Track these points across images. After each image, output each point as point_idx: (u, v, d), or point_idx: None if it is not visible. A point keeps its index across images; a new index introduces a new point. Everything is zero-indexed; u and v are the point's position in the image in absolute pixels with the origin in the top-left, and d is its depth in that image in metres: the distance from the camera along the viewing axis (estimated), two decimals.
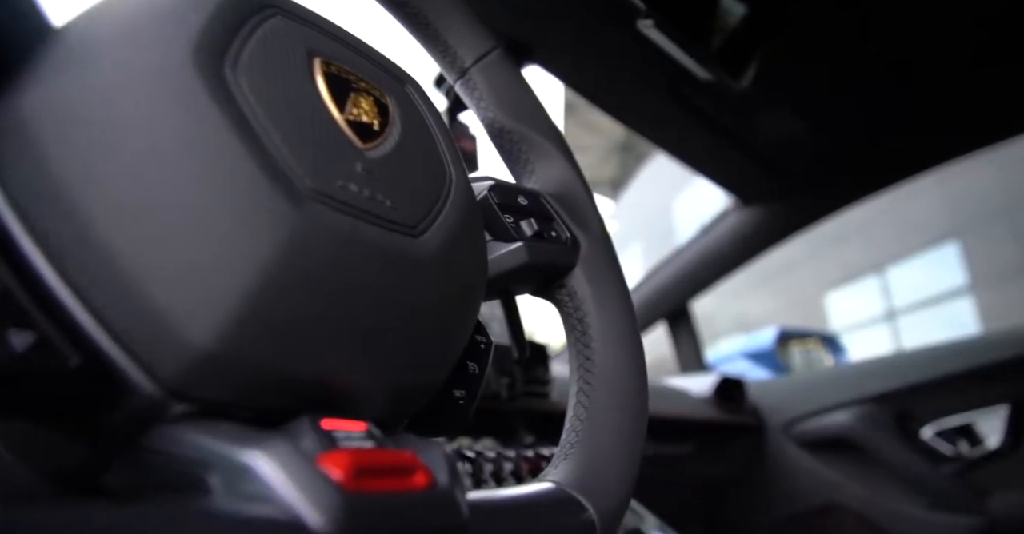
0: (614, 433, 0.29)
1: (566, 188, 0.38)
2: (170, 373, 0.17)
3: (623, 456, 0.28)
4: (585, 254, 0.36)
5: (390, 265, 0.21)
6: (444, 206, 0.25)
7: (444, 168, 0.26)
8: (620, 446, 0.29)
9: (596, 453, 0.28)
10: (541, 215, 0.35)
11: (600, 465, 0.28)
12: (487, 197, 0.33)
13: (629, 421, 0.30)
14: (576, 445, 0.28)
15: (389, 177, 0.22)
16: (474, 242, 0.27)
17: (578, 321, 0.34)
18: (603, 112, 0.90)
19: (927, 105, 0.94)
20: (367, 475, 0.16)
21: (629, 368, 0.32)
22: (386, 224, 0.21)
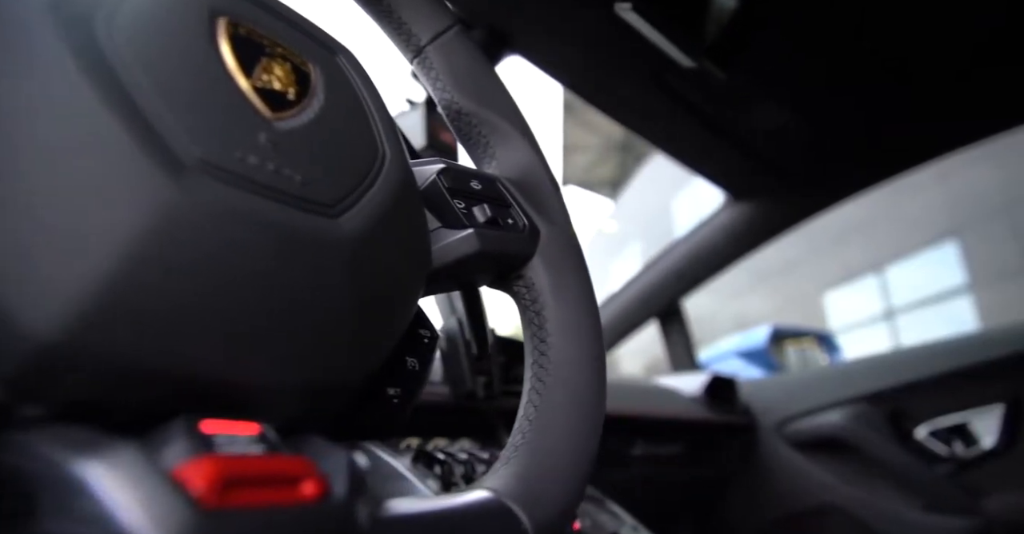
0: (564, 435, 0.27)
1: (527, 173, 0.36)
2: (12, 370, 0.15)
3: (572, 461, 0.26)
4: (545, 243, 0.34)
5: (295, 247, 0.19)
6: (372, 186, 0.22)
7: (376, 145, 0.24)
8: (569, 450, 0.26)
9: (542, 457, 0.26)
10: (497, 201, 0.33)
11: (545, 471, 0.25)
12: (436, 181, 0.31)
13: (582, 422, 0.28)
14: (521, 448, 0.26)
15: (302, 151, 0.20)
16: (409, 227, 0.25)
17: (535, 314, 0.32)
18: (589, 104, 0.88)
19: (922, 98, 0.92)
20: (237, 486, 0.14)
21: (586, 365, 0.30)
22: (293, 202, 0.19)
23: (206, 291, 0.17)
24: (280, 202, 0.19)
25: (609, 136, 13.25)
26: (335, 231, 0.20)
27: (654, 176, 11.34)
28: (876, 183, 1.09)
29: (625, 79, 0.79)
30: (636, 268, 1.36)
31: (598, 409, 0.29)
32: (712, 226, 1.24)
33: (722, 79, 0.71)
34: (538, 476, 0.25)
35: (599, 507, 0.61)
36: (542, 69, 0.81)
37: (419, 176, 0.31)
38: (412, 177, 0.26)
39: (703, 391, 1.11)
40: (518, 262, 0.33)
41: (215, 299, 0.17)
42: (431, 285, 0.31)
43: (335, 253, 0.20)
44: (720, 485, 1.17)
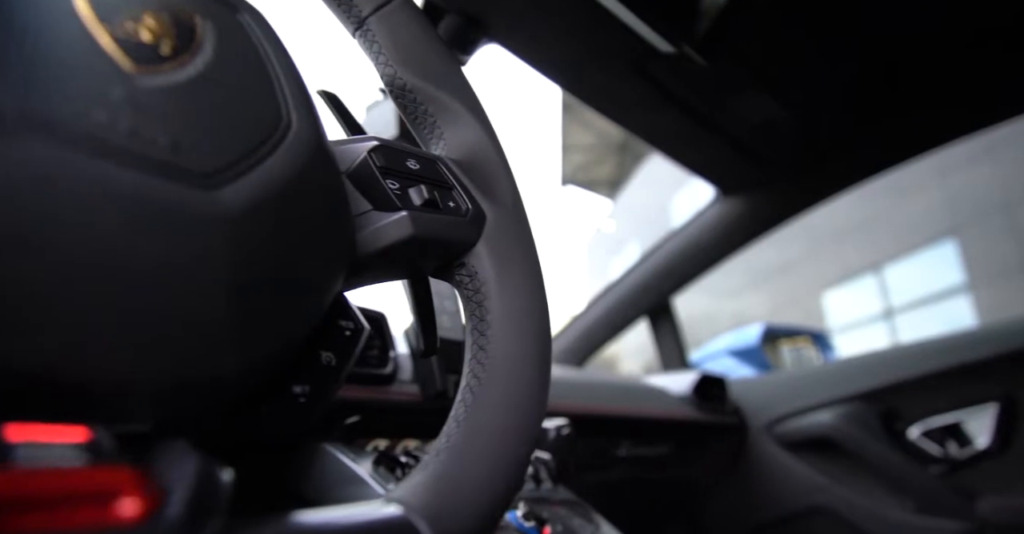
0: (493, 440, 0.24)
1: (475, 154, 0.34)
2: None
3: (497, 471, 0.23)
4: (491, 229, 0.31)
5: (150, 220, 0.16)
6: (268, 157, 0.20)
7: (279, 112, 0.22)
8: (497, 457, 0.24)
9: (464, 465, 0.23)
10: (437, 182, 0.30)
11: (465, 480, 0.22)
12: (367, 160, 0.28)
13: (516, 426, 0.25)
14: (443, 452, 0.23)
15: (174, 111, 0.18)
16: (319, 207, 0.22)
17: (477, 305, 0.29)
18: (570, 94, 0.85)
19: (916, 88, 0.89)
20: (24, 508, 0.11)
21: (528, 363, 0.27)
22: (153, 168, 0.16)
23: (29, 270, 0.14)
24: (134, 167, 0.16)
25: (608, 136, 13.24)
26: (210, 205, 0.17)
27: (653, 176, 11.33)
28: (869, 177, 1.06)
29: (606, 68, 0.76)
30: None
31: (535, 412, 0.26)
32: (702, 222, 1.22)
33: (705, 67, 0.69)
34: (455, 487, 0.22)
35: (573, 510, 0.59)
36: (520, 58, 0.78)
37: (349, 155, 0.28)
38: (327, 152, 0.24)
39: (692, 390, 1.08)
40: (460, 249, 0.30)
41: (38, 280, 0.14)
42: (361, 274, 0.28)
43: (208, 230, 0.17)
44: (709, 487, 1.15)
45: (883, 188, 6.84)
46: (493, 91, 44.98)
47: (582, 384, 0.94)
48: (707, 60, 0.65)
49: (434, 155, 0.32)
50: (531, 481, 0.60)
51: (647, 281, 1.31)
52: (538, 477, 0.61)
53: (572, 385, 0.92)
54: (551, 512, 0.56)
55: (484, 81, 21.11)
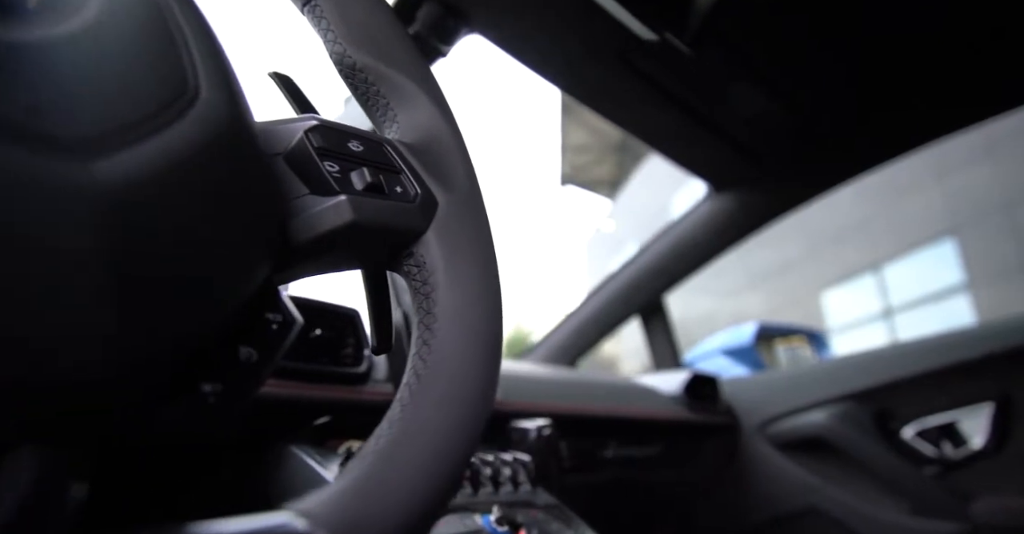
0: (427, 445, 0.22)
1: (430, 137, 0.32)
2: None
3: (431, 478, 0.21)
4: (443, 216, 0.29)
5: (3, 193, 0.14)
6: (164, 128, 0.18)
7: (183, 80, 0.19)
8: (431, 464, 0.21)
9: (392, 472, 0.20)
10: (383, 166, 0.28)
11: (390, 490, 0.20)
12: (303, 140, 0.26)
13: (454, 429, 0.23)
14: (370, 457, 0.21)
15: (37, 71, 0.16)
16: (228, 187, 0.20)
17: (424, 297, 0.27)
18: (554, 85, 0.83)
19: (912, 82, 0.87)
20: None
21: (473, 361, 0.25)
22: (12, 134, 0.14)
23: None
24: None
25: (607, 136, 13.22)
26: (77, 178, 0.15)
27: (652, 176, 11.32)
28: (863, 172, 1.04)
29: (590, 58, 0.74)
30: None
31: (478, 413, 0.24)
32: (693, 219, 1.20)
33: (690, 57, 0.67)
34: (378, 497, 0.20)
35: (551, 514, 0.57)
36: (503, 48, 0.77)
37: (285, 135, 0.26)
38: (247, 129, 0.22)
39: (683, 390, 1.06)
40: (407, 237, 0.28)
41: None
42: (297, 264, 0.26)
43: (73, 204, 0.15)
44: (700, 488, 1.13)
45: (882, 187, 6.83)
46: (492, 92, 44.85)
47: (568, 383, 0.92)
48: (691, 48, 0.63)
49: (381, 137, 0.30)
50: (509, 484, 0.58)
51: (639, 279, 1.29)
52: (516, 480, 0.59)
53: (558, 384, 0.90)
54: (527, 516, 0.54)
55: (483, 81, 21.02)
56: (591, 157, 14.73)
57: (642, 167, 12.14)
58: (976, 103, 0.92)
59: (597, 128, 12.71)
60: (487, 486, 0.56)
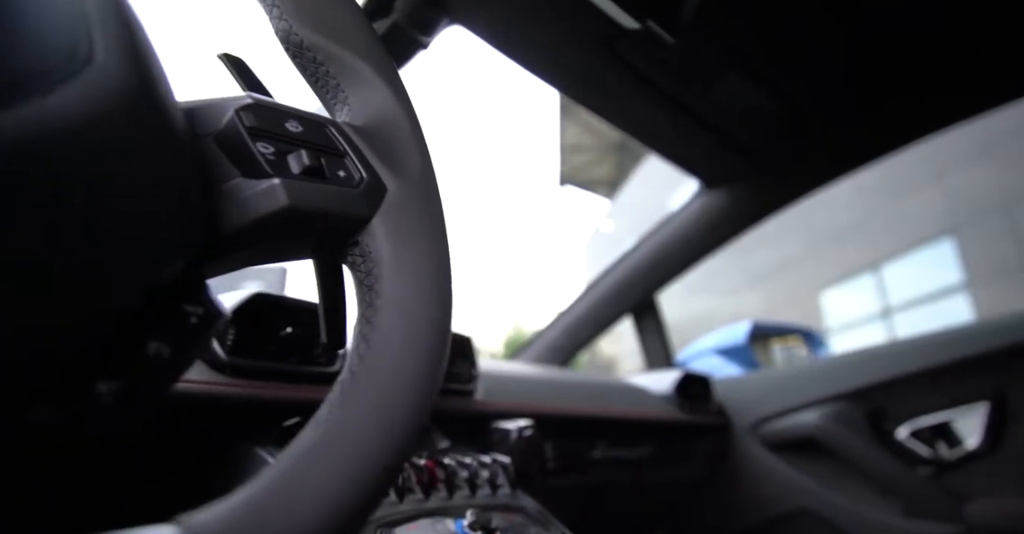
0: (352, 451, 0.20)
1: (381, 120, 0.30)
2: None
3: (352, 489, 0.19)
4: (391, 203, 0.27)
5: None
6: (44, 91, 0.16)
7: (74, 43, 0.18)
8: (354, 473, 0.19)
9: (298, 486, 0.18)
10: (324, 148, 0.27)
11: (292, 507, 0.18)
12: (234, 119, 0.24)
13: (385, 434, 0.21)
14: (282, 463, 0.19)
15: None
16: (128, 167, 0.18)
17: (367, 289, 0.26)
18: (540, 78, 0.81)
19: (906, 75, 0.85)
20: None
21: (414, 360, 0.23)
22: None
23: None
24: None
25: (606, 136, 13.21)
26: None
27: (651, 176, 11.31)
28: (857, 167, 1.02)
29: (574, 48, 0.72)
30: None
31: (413, 417, 0.22)
32: (685, 216, 1.18)
33: (675, 47, 0.65)
34: (276, 514, 0.17)
35: (530, 518, 0.55)
36: (485, 40, 0.75)
37: (215, 113, 0.25)
38: (156, 103, 0.20)
39: (673, 389, 1.05)
40: (351, 225, 0.26)
41: None
42: (229, 253, 0.24)
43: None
44: (692, 490, 1.11)
45: (881, 187, 6.81)
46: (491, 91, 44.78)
47: (555, 383, 0.90)
48: (676, 38, 0.61)
49: (324, 118, 0.28)
50: (487, 486, 0.57)
51: (631, 277, 1.28)
52: (495, 482, 0.57)
53: (545, 384, 0.88)
54: (505, 520, 0.52)
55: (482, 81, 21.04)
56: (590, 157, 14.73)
57: (641, 167, 12.13)
58: (972, 96, 0.90)
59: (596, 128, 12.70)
60: (463, 489, 0.55)
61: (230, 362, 0.50)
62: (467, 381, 0.73)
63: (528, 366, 1.10)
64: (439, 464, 0.54)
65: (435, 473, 0.53)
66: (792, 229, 7.95)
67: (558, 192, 37.52)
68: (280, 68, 0.36)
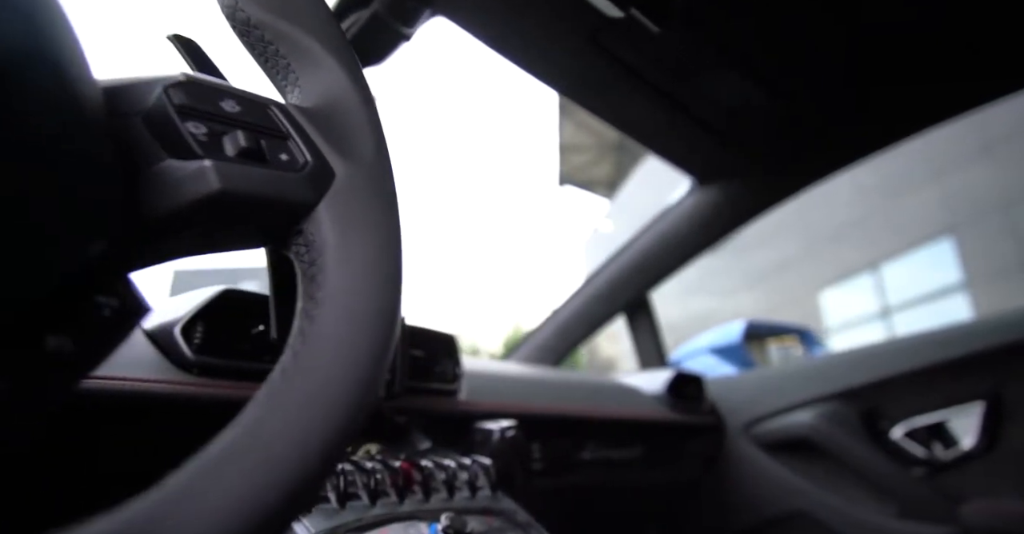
0: (262, 462, 0.18)
1: (333, 101, 0.28)
2: None
3: (248, 508, 0.17)
4: (339, 189, 0.26)
5: None
6: None
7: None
8: (276, 477, 0.18)
9: (205, 492, 0.17)
10: (265, 130, 0.25)
11: (191, 516, 0.16)
12: (161, 98, 0.23)
13: (305, 443, 0.19)
14: (184, 470, 0.17)
15: None
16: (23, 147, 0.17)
17: (310, 281, 0.24)
18: (524, 70, 0.79)
19: (900, 65, 0.83)
20: None
21: (352, 359, 0.21)
22: None
23: None
24: None
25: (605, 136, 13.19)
26: None
27: (650, 176, 11.29)
28: (851, 163, 1.01)
29: (558, 40, 0.71)
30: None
31: (338, 428, 0.20)
32: (678, 214, 1.17)
33: (660, 37, 0.63)
34: (196, 512, 0.16)
35: (509, 521, 0.53)
36: (468, 31, 0.73)
37: (142, 92, 0.23)
38: (62, 77, 0.18)
39: (665, 389, 1.03)
40: (294, 212, 0.25)
41: None
42: (160, 242, 0.23)
43: None
44: (684, 491, 1.09)
45: (880, 187, 6.80)
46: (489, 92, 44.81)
47: (544, 383, 0.88)
48: (659, 27, 0.59)
49: (266, 98, 0.26)
50: (466, 489, 0.55)
51: (624, 276, 1.26)
52: (475, 485, 0.55)
53: (532, 384, 0.86)
54: (482, 524, 0.51)
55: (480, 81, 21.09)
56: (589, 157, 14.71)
57: (640, 167, 12.11)
58: (967, 91, 0.88)
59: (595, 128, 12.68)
60: (441, 492, 0.53)
61: (197, 361, 0.49)
62: (451, 381, 0.72)
63: (516, 365, 1.08)
64: (416, 466, 0.52)
65: (411, 475, 0.51)
66: (791, 229, 7.94)
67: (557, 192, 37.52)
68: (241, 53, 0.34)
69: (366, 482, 0.48)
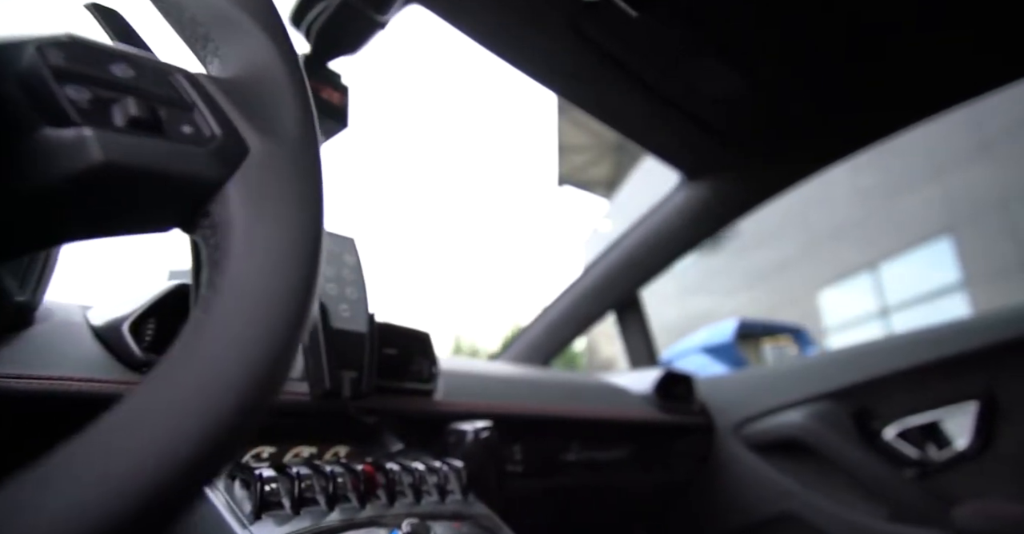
0: (126, 461, 0.16)
1: (254, 71, 0.26)
2: None
3: (107, 504, 0.15)
4: (252, 166, 0.23)
5: None
6: None
7: None
8: (119, 488, 0.15)
9: (59, 484, 0.14)
10: (163, 98, 0.23)
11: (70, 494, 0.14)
12: (36, 58, 0.20)
13: (181, 444, 0.16)
14: (59, 453, 0.15)
15: None
16: None
17: (213, 267, 0.22)
18: (504, 60, 0.77)
19: (893, 59, 0.81)
20: None
21: (247, 357, 0.19)
22: None
23: None
24: None
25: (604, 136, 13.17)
26: None
27: (649, 176, 11.26)
28: (844, 156, 0.98)
29: (536, 25, 0.68)
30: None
31: (230, 423, 0.17)
32: (667, 210, 1.14)
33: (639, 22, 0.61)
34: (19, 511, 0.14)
35: (478, 527, 0.51)
36: (444, 18, 0.71)
37: (16, 50, 0.21)
38: None
39: (653, 389, 1.01)
40: (198, 190, 0.22)
41: None
42: (34, 223, 0.20)
43: None
44: (672, 493, 1.06)
45: (879, 186, 6.77)
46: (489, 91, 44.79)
47: (526, 382, 0.86)
48: (637, 11, 0.57)
49: (171, 65, 0.24)
50: (435, 493, 0.52)
51: (613, 274, 1.24)
52: (444, 489, 0.53)
53: (514, 383, 0.84)
54: (449, 530, 0.48)
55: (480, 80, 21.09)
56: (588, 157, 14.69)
57: (639, 167, 12.09)
58: (965, 79, 0.86)
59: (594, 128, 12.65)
60: (407, 496, 0.50)
61: (147, 359, 0.46)
62: (426, 380, 0.69)
63: (497, 364, 1.06)
64: (380, 469, 0.50)
65: (375, 479, 0.49)
66: (790, 229, 7.92)
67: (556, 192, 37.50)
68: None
69: (324, 486, 0.45)
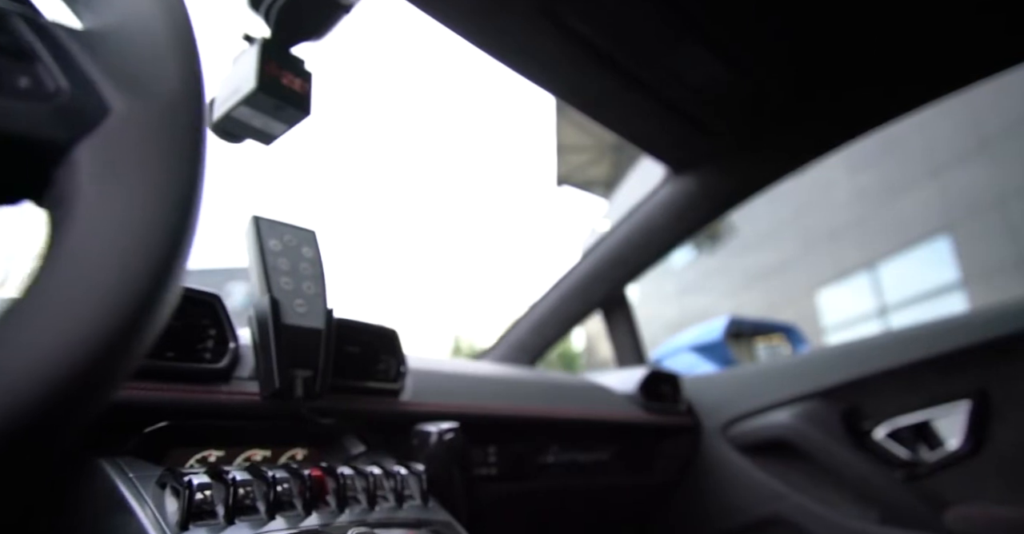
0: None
1: (125, 21, 0.23)
2: None
3: None
4: (112, 129, 0.20)
5: None
6: None
7: None
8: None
9: None
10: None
11: None
12: None
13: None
14: None
15: None
16: None
17: (50, 244, 0.18)
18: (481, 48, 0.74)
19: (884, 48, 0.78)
20: None
21: (68, 356, 0.16)
22: None
23: None
24: None
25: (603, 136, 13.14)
26: None
27: (648, 176, 11.23)
28: (833, 148, 0.95)
29: (510, 12, 0.65)
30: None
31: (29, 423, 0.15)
32: (652, 205, 1.11)
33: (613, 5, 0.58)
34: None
35: None
36: (416, 6, 0.68)
37: None
38: None
39: (638, 388, 0.98)
40: (35, 153, 0.19)
41: None
42: None
43: None
44: (657, 495, 1.03)
45: (876, 185, 6.75)
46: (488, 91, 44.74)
47: (503, 382, 0.83)
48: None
49: (11, 6, 0.21)
50: (392, 498, 0.49)
51: (599, 271, 1.21)
52: (402, 494, 0.50)
53: (490, 383, 0.81)
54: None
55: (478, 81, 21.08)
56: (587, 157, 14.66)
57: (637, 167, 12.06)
58: (950, 73, 0.83)
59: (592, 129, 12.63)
60: (360, 503, 0.47)
61: None
62: (393, 379, 0.66)
63: (473, 363, 1.03)
64: (331, 474, 0.47)
65: (324, 484, 0.46)
66: (789, 229, 7.90)
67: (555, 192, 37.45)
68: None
69: (266, 492, 0.42)
